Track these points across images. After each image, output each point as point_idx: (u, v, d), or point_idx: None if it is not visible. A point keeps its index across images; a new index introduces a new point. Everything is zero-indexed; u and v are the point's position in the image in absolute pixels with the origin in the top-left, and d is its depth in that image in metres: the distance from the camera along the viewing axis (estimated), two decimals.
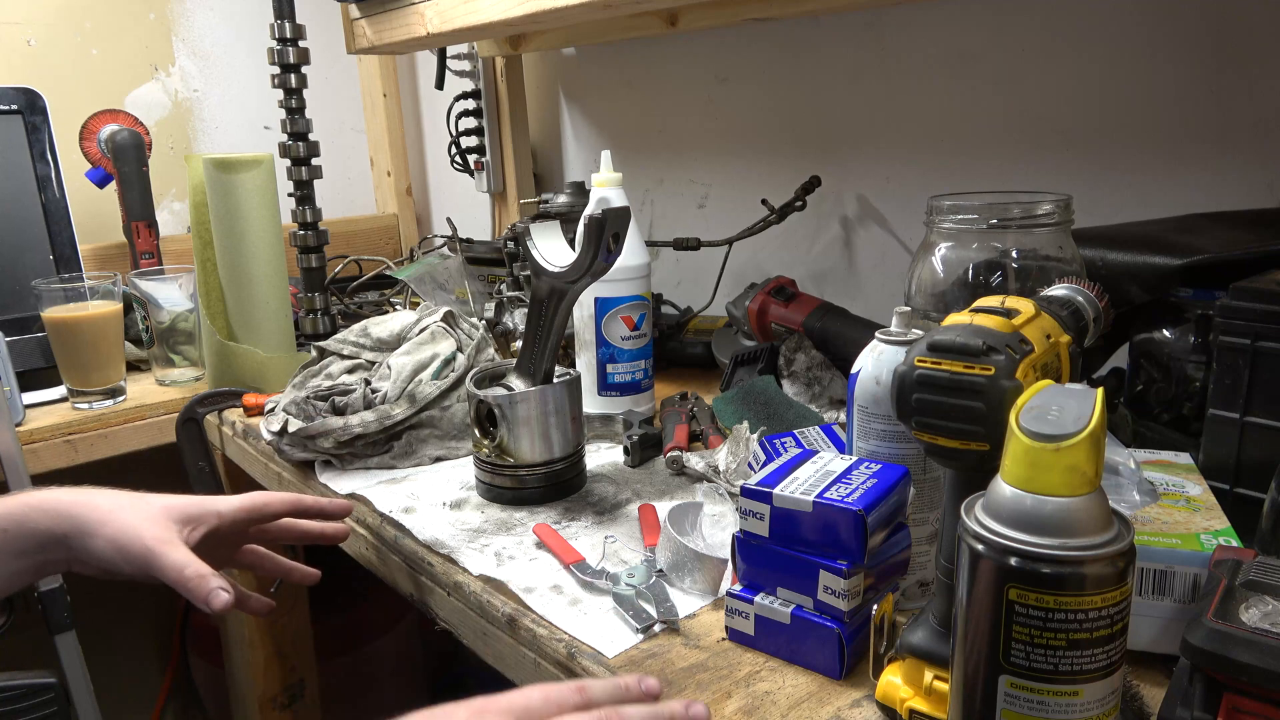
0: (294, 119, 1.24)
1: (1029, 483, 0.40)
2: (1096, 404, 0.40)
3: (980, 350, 0.46)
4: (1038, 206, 0.70)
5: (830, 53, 1.24)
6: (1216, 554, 0.50)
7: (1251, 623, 0.41)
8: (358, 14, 1.36)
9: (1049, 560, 0.39)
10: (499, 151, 1.72)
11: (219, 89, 1.83)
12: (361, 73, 1.99)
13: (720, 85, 1.40)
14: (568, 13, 0.99)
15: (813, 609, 0.58)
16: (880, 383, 0.61)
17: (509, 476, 0.84)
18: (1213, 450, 0.66)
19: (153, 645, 1.78)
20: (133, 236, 1.48)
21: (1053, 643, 0.39)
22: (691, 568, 0.67)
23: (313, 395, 0.95)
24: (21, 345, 1.27)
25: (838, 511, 0.55)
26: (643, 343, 1.00)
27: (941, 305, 0.73)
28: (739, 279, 1.32)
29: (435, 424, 0.95)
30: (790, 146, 1.33)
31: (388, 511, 0.83)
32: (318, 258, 1.29)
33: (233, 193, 1.14)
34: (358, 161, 2.06)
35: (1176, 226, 0.81)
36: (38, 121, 1.38)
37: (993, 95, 1.09)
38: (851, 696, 0.56)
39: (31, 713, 0.98)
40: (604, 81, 1.60)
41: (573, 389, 0.85)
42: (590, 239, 0.76)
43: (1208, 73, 0.91)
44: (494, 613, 0.68)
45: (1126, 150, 0.99)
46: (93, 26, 1.66)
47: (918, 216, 0.78)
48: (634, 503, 0.83)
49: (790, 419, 0.93)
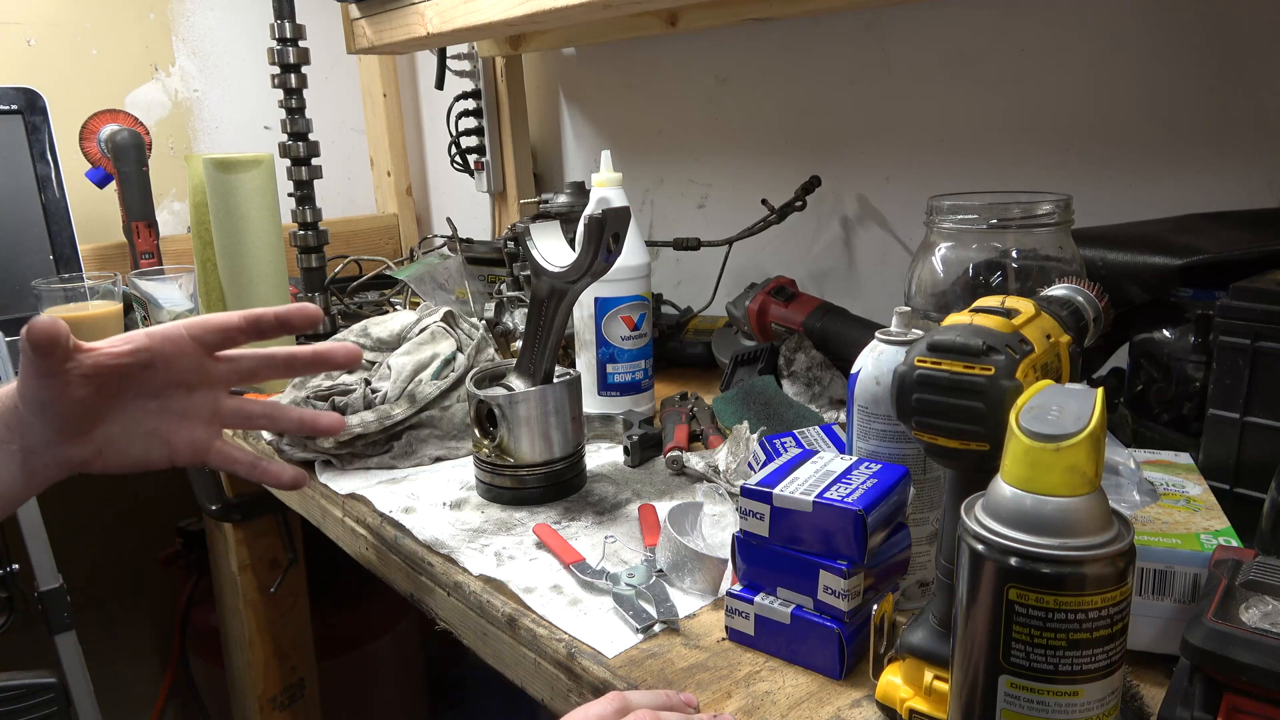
0: (294, 119, 1.23)
1: (1029, 483, 0.40)
2: (1096, 404, 0.40)
3: (980, 350, 0.46)
4: (1038, 206, 0.70)
5: (830, 53, 1.24)
6: (1216, 554, 0.50)
7: (1251, 623, 0.41)
8: (358, 14, 1.36)
9: (1049, 560, 0.39)
10: (499, 151, 1.72)
11: (219, 89, 1.83)
12: (361, 73, 1.99)
13: (720, 85, 1.40)
14: (568, 13, 0.99)
15: (813, 609, 0.58)
16: (880, 383, 0.61)
17: (509, 476, 0.84)
18: (1213, 450, 0.66)
19: (153, 645, 1.78)
20: (133, 236, 1.48)
21: (1053, 643, 0.39)
22: (691, 568, 0.67)
23: (313, 395, 0.95)
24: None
25: (838, 511, 0.55)
26: (643, 343, 1.00)
27: (941, 305, 0.73)
28: (739, 279, 1.32)
29: (435, 424, 0.95)
30: (790, 146, 1.33)
31: (388, 511, 0.83)
32: (318, 258, 1.29)
33: (233, 193, 1.14)
34: (358, 161, 2.06)
35: (1176, 226, 0.81)
36: (38, 121, 1.38)
37: (993, 95, 1.09)
38: (851, 696, 0.56)
39: (31, 713, 0.98)
40: (604, 81, 1.60)
41: (573, 389, 0.85)
42: (590, 239, 0.76)
43: (1207, 73, 0.91)
44: (494, 613, 0.68)
45: (1126, 150, 0.99)
46: (93, 26, 1.66)
47: (918, 216, 0.78)
48: (634, 503, 0.83)
49: (790, 419, 0.93)
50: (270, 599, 1.36)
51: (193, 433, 0.68)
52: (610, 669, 0.59)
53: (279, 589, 1.36)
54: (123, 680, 1.69)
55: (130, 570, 1.72)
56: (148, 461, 0.67)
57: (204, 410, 0.69)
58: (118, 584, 1.71)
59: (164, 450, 0.67)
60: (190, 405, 0.68)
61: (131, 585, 1.74)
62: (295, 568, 1.38)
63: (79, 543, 1.61)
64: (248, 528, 1.32)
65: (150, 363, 0.66)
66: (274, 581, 1.36)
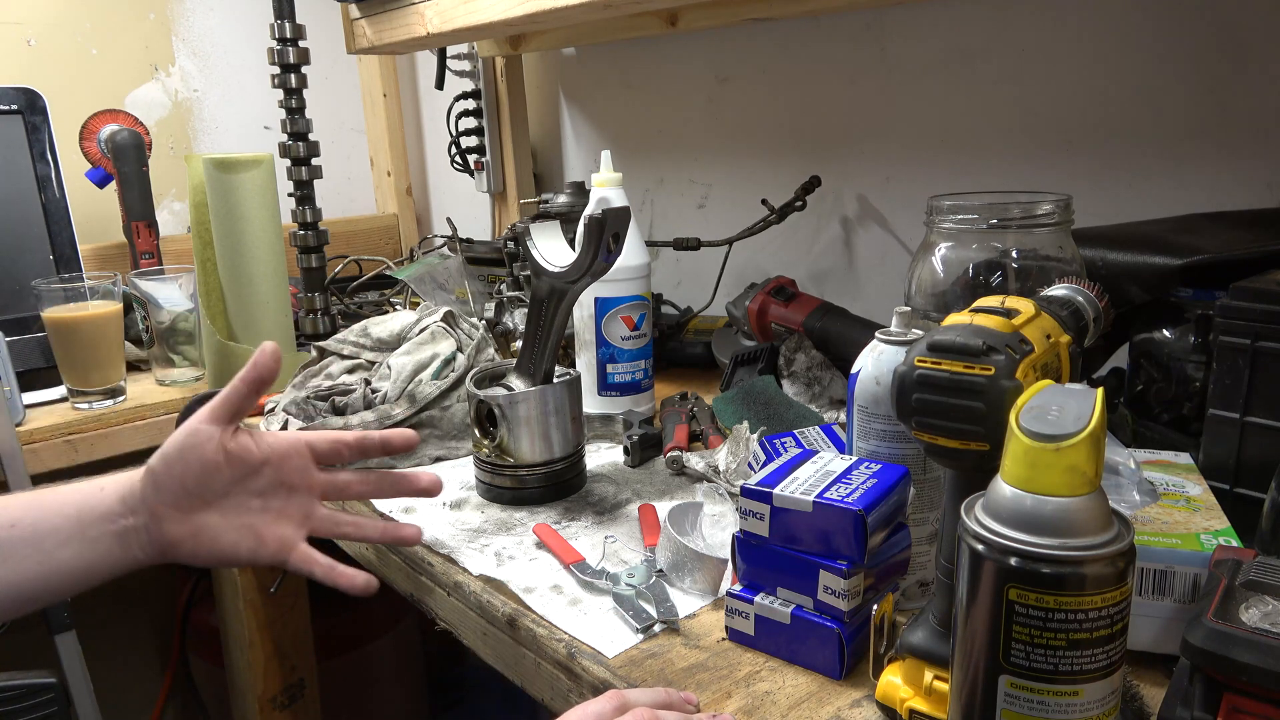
0: (294, 119, 1.24)
1: (1029, 483, 0.40)
2: (1096, 404, 0.40)
3: (980, 350, 0.46)
4: (1038, 206, 0.70)
5: (830, 53, 1.24)
6: (1216, 554, 0.50)
7: (1251, 623, 0.41)
8: (358, 14, 1.36)
9: (1049, 560, 0.39)
10: (499, 151, 1.72)
11: (219, 89, 1.83)
12: (361, 73, 1.99)
13: (720, 85, 1.40)
14: (568, 13, 0.99)
15: (813, 609, 0.58)
16: (880, 383, 0.61)
17: (509, 476, 0.84)
18: (1213, 450, 0.66)
19: (153, 645, 1.78)
20: (133, 236, 1.48)
21: (1053, 643, 0.39)
22: (691, 568, 0.67)
23: (313, 395, 0.96)
24: (21, 345, 1.27)
25: (838, 511, 0.55)
26: (643, 343, 1.00)
27: (941, 305, 0.73)
28: (739, 279, 1.32)
29: (435, 424, 0.95)
30: (790, 146, 1.33)
31: (388, 511, 0.83)
32: (318, 258, 1.29)
33: (233, 193, 1.14)
34: (358, 161, 2.06)
35: (1176, 226, 0.81)
36: (38, 121, 1.38)
37: (993, 95, 1.09)
38: (851, 696, 0.56)
39: (31, 713, 0.98)
40: (604, 81, 1.60)
41: (573, 389, 0.85)
42: (590, 239, 0.76)
43: (1208, 73, 0.91)
44: (494, 613, 0.68)
45: (1127, 150, 0.99)
46: (93, 26, 1.66)
47: (918, 216, 0.78)
48: (634, 503, 0.83)
49: (790, 419, 0.93)
50: (270, 599, 1.36)
51: (283, 531, 0.70)
52: (610, 669, 0.59)
53: (279, 589, 1.36)
54: (123, 680, 1.69)
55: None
56: (235, 554, 0.68)
57: (298, 513, 0.71)
58: (118, 584, 1.70)
59: (252, 544, 0.68)
60: (288, 506, 0.70)
61: (131, 585, 1.73)
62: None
63: None
64: None
65: (269, 460, 0.69)
66: (274, 581, 1.36)
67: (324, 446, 0.71)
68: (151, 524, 0.67)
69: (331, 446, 0.71)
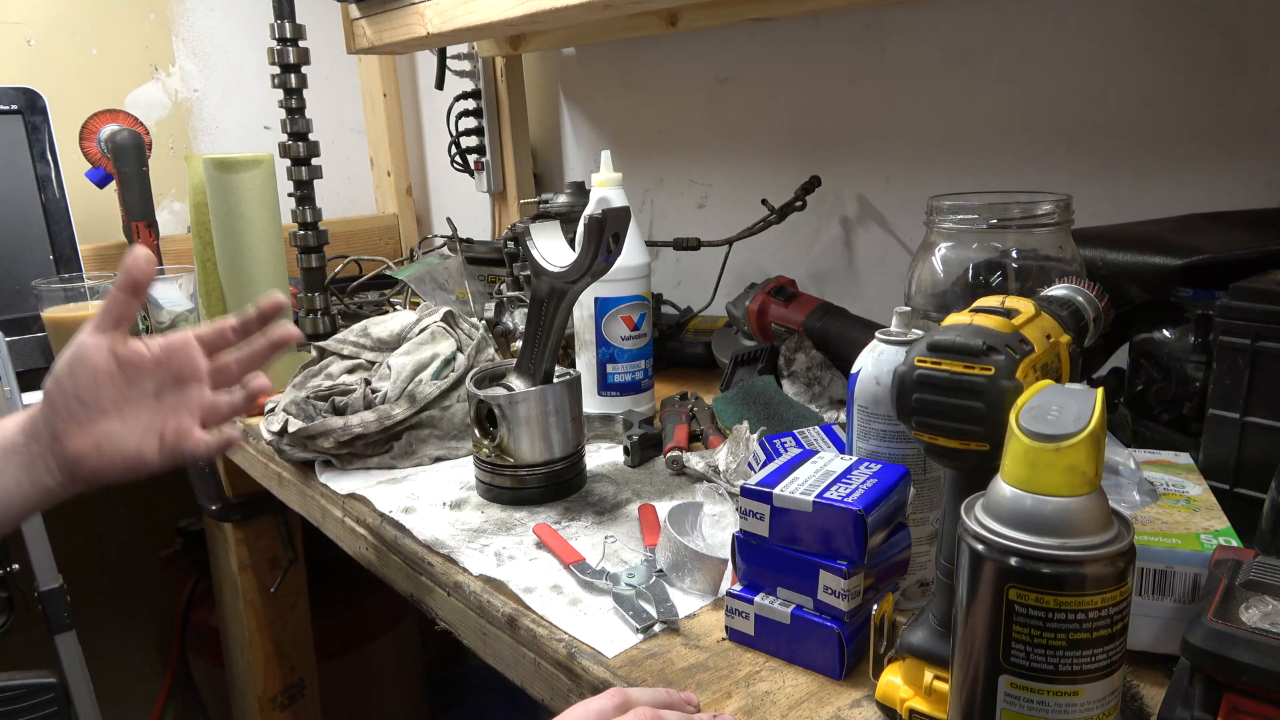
0: (294, 119, 1.23)
1: (1029, 483, 0.40)
2: (1096, 404, 0.40)
3: (980, 350, 0.46)
4: (1038, 206, 0.70)
5: (830, 53, 1.24)
6: (1216, 554, 0.50)
7: (1251, 623, 0.41)
8: (358, 14, 1.36)
9: (1049, 560, 0.39)
10: (499, 151, 1.72)
11: (219, 89, 1.83)
12: (361, 73, 1.99)
13: (720, 85, 1.40)
14: (568, 13, 0.99)
15: (813, 609, 0.58)
16: (880, 383, 0.61)
17: (509, 476, 0.84)
18: (1213, 450, 0.66)
19: (153, 645, 1.78)
20: (133, 236, 1.48)
21: (1053, 643, 0.39)
22: (691, 568, 0.67)
23: (313, 395, 0.95)
24: (21, 345, 1.27)
25: (838, 511, 0.55)
26: (643, 343, 1.00)
27: (941, 305, 0.73)
28: (739, 279, 1.32)
29: (435, 424, 0.95)
30: (790, 146, 1.33)
31: (388, 511, 0.83)
32: (318, 258, 1.29)
33: (233, 193, 1.14)
34: (358, 161, 2.06)
35: (1176, 226, 0.81)
36: (38, 121, 1.38)
37: (993, 95, 1.09)
38: (851, 696, 0.56)
39: (31, 713, 0.98)
40: (604, 81, 1.60)
41: (573, 389, 0.85)
42: (590, 239, 0.76)
43: (1208, 73, 0.91)
44: (494, 613, 0.68)
45: (1127, 150, 0.99)
46: (93, 26, 1.66)
47: (918, 216, 0.78)
48: (634, 503, 0.83)
49: (790, 419, 0.93)
50: (270, 599, 1.36)
51: (179, 422, 0.71)
52: (610, 669, 0.59)
53: (279, 589, 1.36)
54: (123, 680, 1.69)
55: (130, 570, 1.72)
56: (140, 458, 0.69)
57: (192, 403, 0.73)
58: (118, 584, 1.71)
59: (155, 444, 0.70)
60: (182, 400, 0.72)
61: (131, 585, 1.74)
62: (295, 568, 1.38)
63: (79, 543, 1.61)
64: (248, 528, 1.32)
65: (159, 360, 0.70)
66: (274, 581, 1.36)
67: (210, 335, 0.73)
68: (54, 445, 0.67)
69: (217, 332, 0.73)
